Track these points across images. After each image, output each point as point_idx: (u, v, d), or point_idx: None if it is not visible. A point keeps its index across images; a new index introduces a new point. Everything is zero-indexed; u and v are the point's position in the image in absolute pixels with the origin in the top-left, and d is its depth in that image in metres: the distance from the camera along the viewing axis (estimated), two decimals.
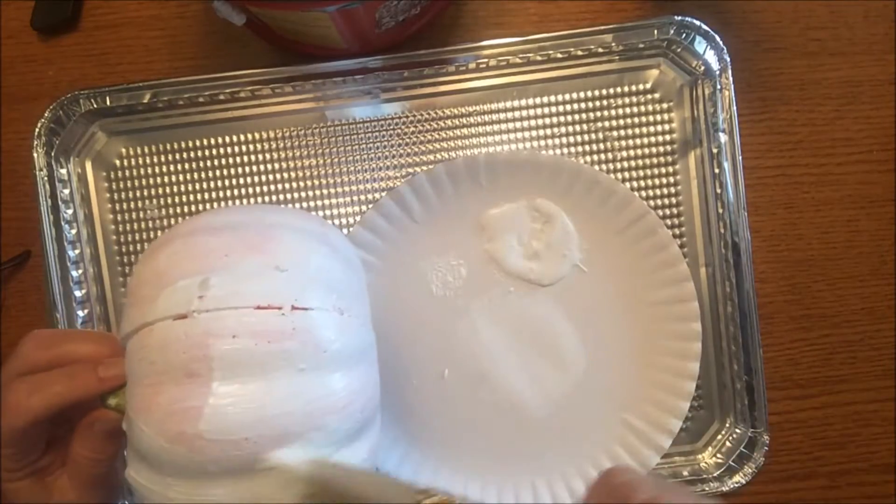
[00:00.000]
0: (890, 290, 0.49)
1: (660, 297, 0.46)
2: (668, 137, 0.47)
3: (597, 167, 0.47)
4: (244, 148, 0.47)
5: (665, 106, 0.47)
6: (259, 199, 0.47)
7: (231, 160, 0.47)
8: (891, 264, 0.49)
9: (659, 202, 0.47)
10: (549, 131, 0.48)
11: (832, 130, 0.49)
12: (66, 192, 0.47)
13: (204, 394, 0.28)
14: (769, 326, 0.48)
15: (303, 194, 0.47)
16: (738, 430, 0.47)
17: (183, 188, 0.47)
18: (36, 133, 0.46)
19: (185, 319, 0.29)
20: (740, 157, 0.46)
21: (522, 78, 0.47)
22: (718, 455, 0.47)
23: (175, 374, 0.29)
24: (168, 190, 0.47)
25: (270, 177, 0.47)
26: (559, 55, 0.47)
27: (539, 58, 0.47)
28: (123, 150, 0.48)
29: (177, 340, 0.29)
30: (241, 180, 0.47)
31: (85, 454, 0.33)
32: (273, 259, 0.31)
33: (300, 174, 0.47)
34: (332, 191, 0.47)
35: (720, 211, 0.46)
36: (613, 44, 0.47)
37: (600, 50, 0.47)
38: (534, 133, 0.48)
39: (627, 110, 0.47)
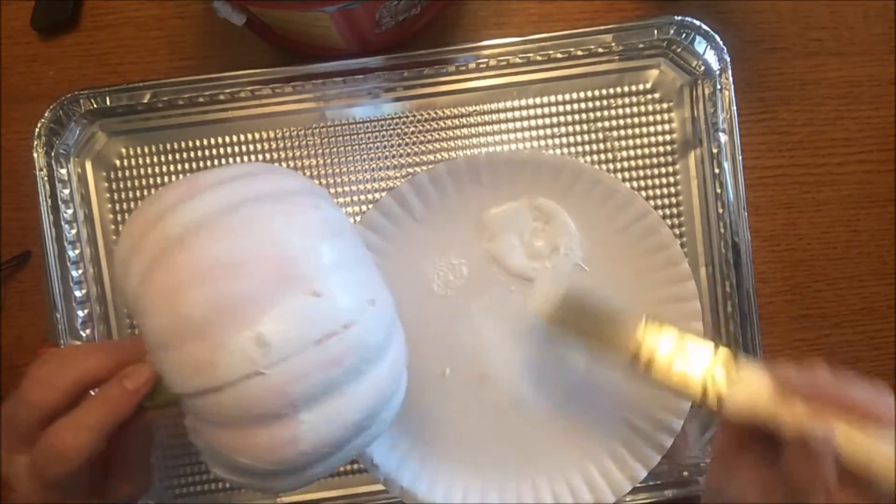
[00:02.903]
0: (890, 290, 0.49)
1: (661, 296, 0.46)
2: (668, 137, 0.47)
3: (597, 167, 0.47)
4: (244, 148, 0.47)
5: (665, 106, 0.47)
6: None
7: (231, 160, 0.47)
8: (891, 264, 0.49)
9: (659, 202, 0.47)
10: (549, 131, 0.48)
11: (832, 130, 0.49)
12: (66, 192, 0.47)
13: (296, 425, 0.30)
14: (769, 326, 0.48)
15: None
16: None
17: None
18: (36, 133, 0.46)
19: (256, 377, 0.29)
20: (740, 157, 0.46)
21: (522, 78, 0.47)
22: None
23: (262, 420, 0.30)
24: None
25: None
26: (559, 55, 0.47)
27: (539, 58, 0.47)
28: (123, 150, 0.48)
29: (255, 397, 0.29)
30: None
31: (131, 452, 0.34)
32: (304, 284, 0.31)
33: (300, 174, 0.47)
34: (333, 191, 0.47)
35: (720, 211, 0.47)
36: (613, 44, 0.47)
37: (600, 50, 0.47)
38: (534, 133, 0.48)
39: (627, 110, 0.47)
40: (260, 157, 0.47)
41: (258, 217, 0.32)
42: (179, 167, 0.47)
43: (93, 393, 0.32)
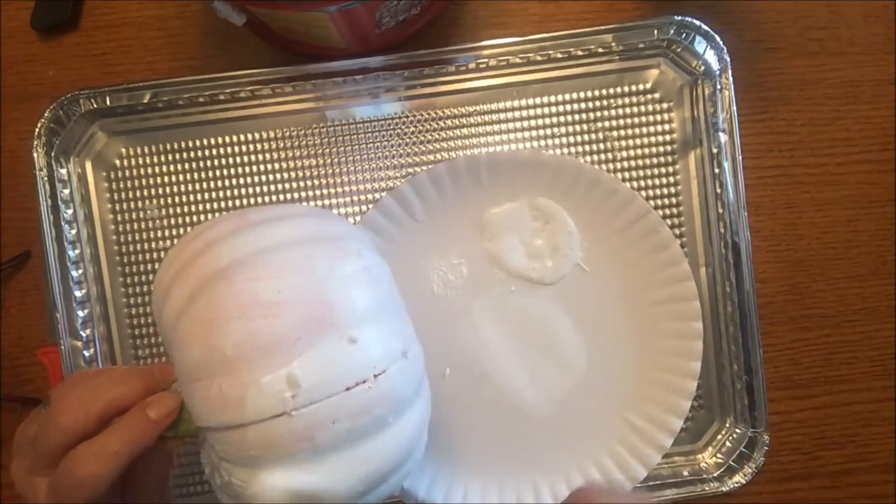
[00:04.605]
0: (890, 290, 0.49)
1: (661, 296, 0.46)
2: (668, 137, 0.47)
3: (597, 167, 0.47)
4: (244, 148, 0.47)
5: (665, 106, 0.47)
6: (259, 200, 0.47)
7: (231, 160, 0.47)
8: (891, 264, 0.49)
9: (659, 202, 0.47)
10: (549, 131, 0.48)
11: (832, 130, 0.49)
12: (66, 192, 0.47)
13: (316, 470, 0.30)
14: (769, 326, 0.48)
15: (303, 194, 0.47)
16: (738, 430, 0.47)
17: (183, 188, 0.47)
18: (36, 133, 0.46)
19: (282, 418, 0.29)
20: (740, 157, 0.46)
21: (522, 78, 0.47)
22: (718, 455, 0.47)
23: (284, 461, 0.30)
24: (168, 190, 0.47)
25: (270, 177, 0.47)
26: (559, 55, 0.47)
27: (539, 58, 0.47)
28: (123, 150, 0.48)
29: (280, 437, 0.29)
30: (241, 180, 0.47)
31: (150, 476, 0.34)
32: (340, 329, 0.31)
33: (300, 174, 0.47)
34: (332, 191, 0.47)
35: (720, 211, 0.46)
36: (613, 44, 0.47)
37: (600, 50, 0.47)
38: (534, 133, 0.48)
39: (627, 110, 0.47)
40: (260, 156, 0.47)
41: (302, 259, 0.32)
42: (179, 167, 0.47)
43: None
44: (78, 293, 0.46)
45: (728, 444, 0.47)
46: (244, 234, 0.33)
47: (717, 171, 0.46)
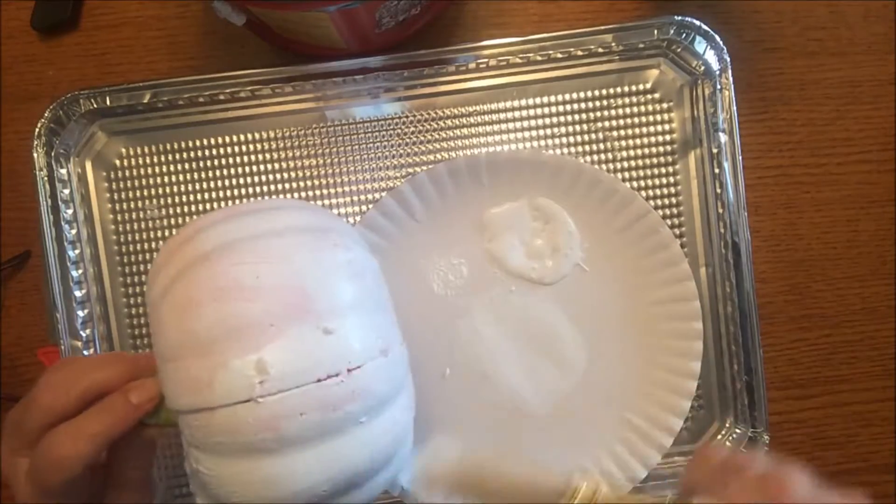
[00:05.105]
0: (890, 290, 0.49)
1: (661, 295, 0.46)
2: (668, 137, 0.47)
3: (597, 167, 0.47)
4: (244, 148, 0.47)
5: (665, 106, 0.47)
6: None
7: (231, 160, 0.47)
8: (891, 264, 0.49)
9: (659, 202, 0.47)
10: (549, 131, 0.48)
11: (832, 130, 0.49)
12: (66, 192, 0.47)
13: (280, 463, 0.29)
14: (769, 326, 0.48)
15: (303, 194, 0.47)
16: (738, 430, 0.47)
17: (183, 188, 0.47)
18: (36, 133, 0.46)
19: (249, 404, 0.29)
20: (740, 157, 0.46)
21: (522, 78, 0.47)
22: None
23: (249, 451, 0.29)
24: (168, 190, 0.47)
25: (270, 177, 0.47)
26: (559, 55, 0.47)
27: (539, 58, 0.47)
28: (123, 150, 0.48)
29: (245, 425, 0.29)
30: (241, 180, 0.47)
31: (129, 465, 0.34)
32: (316, 319, 0.30)
33: (300, 174, 0.47)
34: (332, 191, 0.47)
35: (720, 211, 0.46)
36: (613, 44, 0.47)
37: (600, 50, 0.47)
38: (534, 133, 0.48)
39: (627, 110, 0.47)
40: (260, 156, 0.47)
41: (285, 247, 0.32)
42: (179, 167, 0.47)
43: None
44: (78, 293, 0.46)
45: (728, 443, 0.47)
46: (232, 222, 0.33)
47: (717, 171, 0.46)
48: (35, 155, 0.46)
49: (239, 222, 0.33)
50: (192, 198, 0.47)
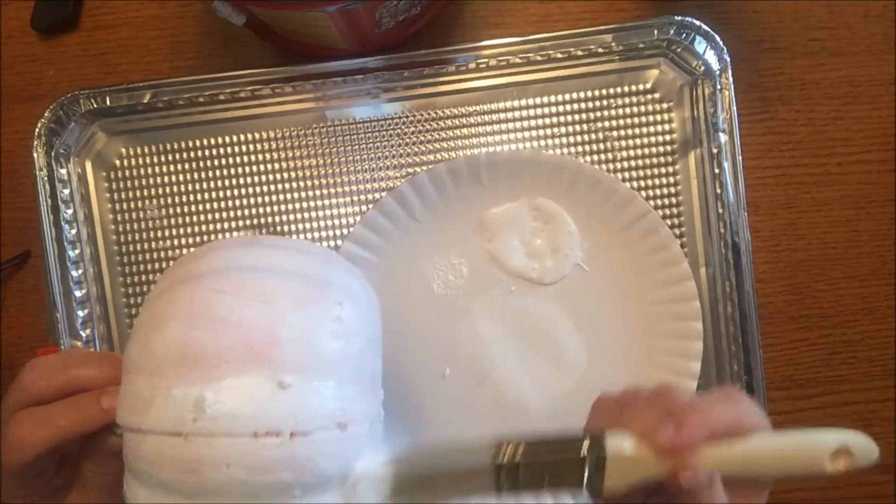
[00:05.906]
0: (890, 290, 0.49)
1: (661, 295, 0.46)
2: (668, 137, 0.47)
3: (597, 167, 0.47)
4: (244, 148, 0.47)
5: (665, 106, 0.47)
6: (259, 200, 0.47)
7: (231, 160, 0.47)
8: (891, 264, 0.49)
9: (659, 202, 0.47)
10: (549, 131, 0.48)
11: (832, 130, 0.49)
12: (66, 192, 0.47)
13: None
14: (769, 326, 0.48)
15: (303, 194, 0.47)
16: None
17: (183, 188, 0.47)
18: (36, 133, 0.46)
19: (177, 438, 0.27)
20: (740, 157, 0.46)
21: (522, 78, 0.47)
22: None
23: (165, 488, 0.28)
24: (168, 190, 0.47)
25: (270, 177, 0.47)
26: (559, 55, 0.47)
27: (539, 58, 0.47)
28: (123, 150, 0.48)
29: (169, 460, 0.27)
30: (241, 180, 0.47)
31: (94, 470, 0.33)
32: (276, 371, 0.28)
33: (300, 174, 0.47)
34: (332, 191, 0.47)
35: (720, 211, 0.46)
36: (613, 44, 0.47)
37: (600, 50, 0.47)
38: (534, 133, 0.48)
39: (627, 110, 0.47)
40: (260, 156, 0.47)
41: (276, 287, 0.30)
42: (179, 167, 0.47)
43: None
44: (78, 293, 0.46)
45: None
46: (239, 249, 0.32)
47: (717, 171, 0.46)
48: (35, 155, 0.46)
49: (244, 251, 0.32)
50: (192, 198, 0.47)
